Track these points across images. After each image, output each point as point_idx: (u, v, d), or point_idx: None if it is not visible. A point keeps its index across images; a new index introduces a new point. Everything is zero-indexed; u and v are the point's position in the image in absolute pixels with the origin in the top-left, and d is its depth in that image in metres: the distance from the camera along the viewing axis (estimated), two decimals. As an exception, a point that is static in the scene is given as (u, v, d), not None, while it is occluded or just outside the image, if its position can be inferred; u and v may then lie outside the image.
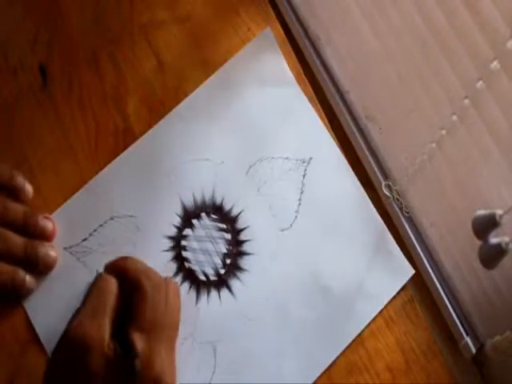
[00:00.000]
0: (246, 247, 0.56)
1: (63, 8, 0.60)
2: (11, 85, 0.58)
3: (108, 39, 0.60)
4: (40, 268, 0.53)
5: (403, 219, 0.57)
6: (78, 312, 0.46)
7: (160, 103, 0.58)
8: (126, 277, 0.48)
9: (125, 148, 0.57)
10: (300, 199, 0.57)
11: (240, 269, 0.55)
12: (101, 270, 0.52)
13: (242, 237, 0.56)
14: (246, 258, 0.55)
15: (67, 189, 0.56)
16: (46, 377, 0.45)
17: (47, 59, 0.59)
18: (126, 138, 0.57)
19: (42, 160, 0.57)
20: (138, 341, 0.44)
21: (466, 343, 0.54)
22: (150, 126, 0.57)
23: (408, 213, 0.57)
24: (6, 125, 0.57)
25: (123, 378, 0.43)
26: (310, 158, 0.58)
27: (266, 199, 0.57)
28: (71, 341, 0.44)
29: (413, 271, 0.56)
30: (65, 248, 0.55)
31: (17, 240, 0.52)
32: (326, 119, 0.59)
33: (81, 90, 0.58)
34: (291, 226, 0.56)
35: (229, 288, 0.55)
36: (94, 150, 0.57)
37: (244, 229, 0.56)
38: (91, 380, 0.43)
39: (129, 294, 0.47)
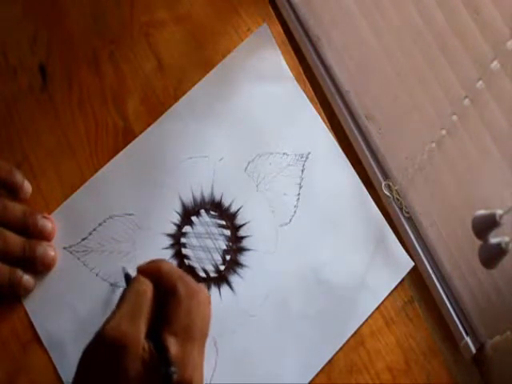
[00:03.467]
0: (245, 243, 0.56)
1: (63, 8, 0.60)
2: (11, 85, 0.58)
3: (108, 39, 0.60)
4: (38, 268, 0.53)
5: (403, 219, 0.57)
6: (113, 314, 0.46)
7: (160, 103, 0.58)
8: (161, 280, 0.48)
9: (124, 148, 0.57)
10: (299, 194, 0.57)
11: (240, 265, 0.55)
12: (125, 268, 0.53)
13: (242, 233, 0.56)
14: (245, 253, 0.56)
15: (67, 188, 0.56)
16: (77, 377, 0.45)
17: (47, 59, 0.59)
18: (125, 137, 0.57)
19: (42, 159, 0.57)
20: (172, 345, 0.44)
21: (466, 343, 0.54)
22: (149, 126, 0.57)
23: (408, 213, 0.57)
24: (6, 124, 0.57)
25: (156, 382, 0.43)
26: (309, 153, 0.58)
27: (264, 195, 0.57)
28: (106, 341, 0.44)
29: (412, 263, 0.56)
30: (64, 247, 0.55)
31: (15, 240, 0.52)
32: (325, 119, 0.59)
33: (81, 90, 0.58)
34: (290, 221, 0.56)
35: (229, 284, 0.55)
36: (93, 150, 0.57)
37: (243, 225, 0.56)
38: (124, 382, 0.43)
39: (162, 297, 0.47)
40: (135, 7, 0.60)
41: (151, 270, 0.49)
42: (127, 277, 0.52)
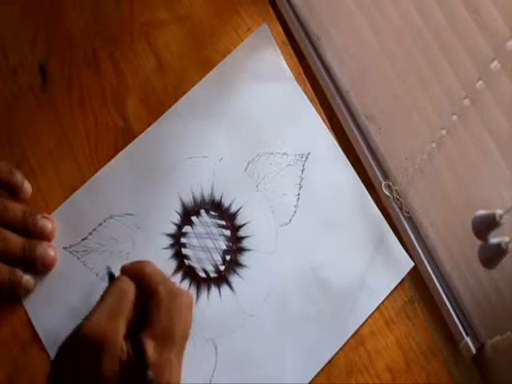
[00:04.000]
0: (245, 243, 0.56)
1: (63, 8, 0.60)
2: (11, 85, 0.58)
3: (108, 39, 0.60)
4: (38, 268, 0.53)
5: (403, 219, 0.57)
6: (93, 310, 0.46)
7: (160, 103, 0.58)
8: (144, 282, 0.48)
9: (124, 148, 0.57)
10: (299, 194, 0.57)
11: (240, 265, 0.55)
12: (109, 267, 0.52)
13: (242, 233, 0.56)
14: (245, 254, 0.56)
15: (67, 188, 0.56)
16: (52, 371, 0.45)
17: (47, 59, 0.59)
18: (125, 137, 0.57)
19: (42, 160, 0.57)
20: (150, 348, 0.44)
21: (466, 343, 0.54)
22: (149, 126, 0.57)
23: (408, 213, 0.57)
24: (6, 124, 0.57)
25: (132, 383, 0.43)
26: (309, 153, 0.58)
27: (264, 195, 0.57)
28: (84, 338, 0.44)
29: (412, 264, 0.56)
30: (64, 247, 0.55)
31: (15, 240, 0.52)
32: (325, 119, 0.59)
33: (81, 90, 0.58)
34: (290, 221, 0.56)
35: (229, 284, 0.55)
36: (93, 150, 0.57)
37: (243, 225, 0.56)
38: (100, 380, 0.43)
39: (144, 299, 0.47)
40: (135, 7, 0.60)
41: (135, 271, 0.49)
42: (110, 275, 0.52)
